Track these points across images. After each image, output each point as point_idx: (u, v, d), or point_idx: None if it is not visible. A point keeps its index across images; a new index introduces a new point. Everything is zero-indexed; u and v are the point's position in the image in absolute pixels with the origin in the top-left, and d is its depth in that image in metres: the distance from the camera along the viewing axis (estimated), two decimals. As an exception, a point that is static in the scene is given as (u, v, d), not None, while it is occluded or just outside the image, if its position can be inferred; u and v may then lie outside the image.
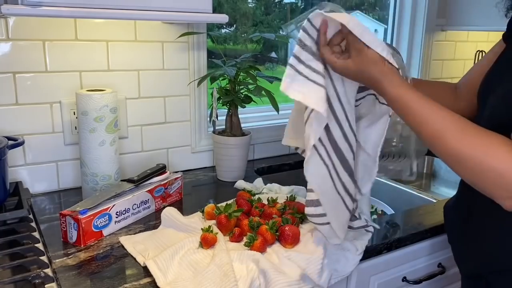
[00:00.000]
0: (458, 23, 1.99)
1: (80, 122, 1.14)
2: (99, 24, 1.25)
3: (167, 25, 1.35)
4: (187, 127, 1.47)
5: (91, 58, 1.26)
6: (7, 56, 1.15)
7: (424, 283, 1.15)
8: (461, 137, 0.71)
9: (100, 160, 1.16)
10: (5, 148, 1.06)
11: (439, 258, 1.18)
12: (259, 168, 1.57)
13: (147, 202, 1.14)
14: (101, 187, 1.17)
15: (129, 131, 1.37)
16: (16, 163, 1.21)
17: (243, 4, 1.77)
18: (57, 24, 1.19)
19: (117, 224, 1.04)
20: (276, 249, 0.94)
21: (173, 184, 1.22)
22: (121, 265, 0.90)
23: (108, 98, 1.14)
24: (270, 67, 2.02)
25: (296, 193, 1.26)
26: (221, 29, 1.76)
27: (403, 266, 1.12)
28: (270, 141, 1.68)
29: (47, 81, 1.21)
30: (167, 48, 1.37)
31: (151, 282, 0.84)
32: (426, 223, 1.12)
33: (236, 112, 1.40)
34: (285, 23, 0.86)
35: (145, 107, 1.38)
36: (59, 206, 1.18)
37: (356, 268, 0.98)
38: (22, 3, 0.86)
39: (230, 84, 1.37)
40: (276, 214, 1.05)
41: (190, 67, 1.42)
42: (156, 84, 1.38)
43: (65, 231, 0.97)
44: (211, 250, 0.93)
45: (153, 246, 0.95)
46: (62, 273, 0.86)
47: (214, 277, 0.83)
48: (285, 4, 1.99)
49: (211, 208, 1.07)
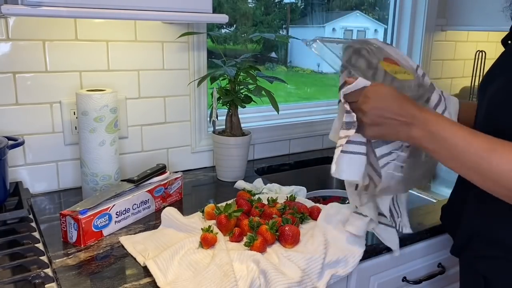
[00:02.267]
0: (458, 23, 1.99)
1: (80, 122, 1.14)
2: (99, 24, 1.25)
3: (167, 25, 1.35)
4: (187, 127, 1.47)
5: (91, 58, 1.26)
6: (7, 56, 1.15)
7: (424, 283, 1.15)
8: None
9: (100, 160, 1.16)
10: (5, 148, 1.06)
11: (439, 258, 1.18)
12: (259, 168, 1.57)
13: (147, 202, 1.14)
14: (101, 187, 1.17)
15: (129, 131, 1.37)
16: (16, 163, 1.21)
17: (243, 4, 1.77)
18: (57, 24, 1.19)
19: (117, 224, 1.04)
20: (276, 249, 0.94)
21: (173, 184, 1.22)
22: (121, 265, 0.90)
23: (108, 98, 1.14)
24: (270, 67, 2.03)
25: (296, 193, 1.26)
26: (221, 29, 1.76)
27: (403, 266, 1.12)
28: (270, 141, 1.68)
29: (47, 81, 1.21)
30: (167, 48, 1.37)
31: (151, 282, 0.84)
32: (426, 223, 1.12)
33: (236, 112, 1.40)
34: (312, 39, 0.87)
35: (145, 107, 1.38)
36: (59, 206, 1.18)
37: (356, 268, 0.98)
38: (22, 3, 0.86)
39: (230, 84, 1.37)
40: (276, 214, 1.05)
41: (190, 67, 1.42)
42: (156, 84, 1.38)
43: (65, 231, 0.97)
44: (211, 250, 0.93)
45: (153, 246, 0.95)
46: (62, 273, 0.86)
47: (214, 277, 0.83)
48: (285, 4, 1.99)
49: (211, 208, 1.07)
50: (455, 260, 1.00)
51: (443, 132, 0.74)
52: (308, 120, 1.78)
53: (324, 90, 2.45)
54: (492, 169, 0.69)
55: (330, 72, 2.40)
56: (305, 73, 2.27)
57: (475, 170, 0.71)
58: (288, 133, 1.72)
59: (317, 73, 2.31)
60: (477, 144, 0.71)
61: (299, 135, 1.75)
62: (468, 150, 0.71)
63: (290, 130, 1.72)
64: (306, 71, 2.28)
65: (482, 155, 0.69)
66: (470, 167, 0.72)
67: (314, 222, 1.06)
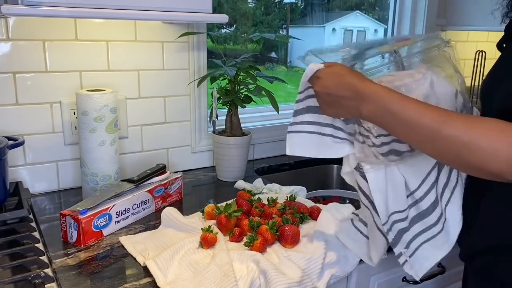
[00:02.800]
0: (458, 23, 1.99)
1: (80, 122, 1.14)
2: (99, 24, 1.25)
3: (167, 25, 1.35)
4: (187, 127, 1.47)
5: (91, 58, 1.26)
6: (7, 56, 1.15)
7: (424, 283, 1.15)
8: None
9: (100, 160, 1.16)
10: (5, 148, 1.06)
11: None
12: (259, 168, 1.57)
13: (147, 202, 1.14)
14: (101, 187, 1.17)
15: (129, 131, 1.37)
16: (16, 163, 1.21)
17: (243, 4, 1.77)
18: (57, 24, 1.19)
19: (117, 224, 1.04)
20: (276, 249, 0.94)
21: (173, 184, 1.22)
22: (121, 265, 0.90)
23: (108, 98, 1.14)
24: (270, 67, 2.03)
25: (296, 193, 1.26)
26: (221, 29, 1.76)
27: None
28: (270, 141, 1.68)
29: (47, 81, 1.21)
30: (167, 48, 1.37)
31: (151, 282, 0.84)
32: (426, 223, 1.12)
33: (236, 112, 1.40)
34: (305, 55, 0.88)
35: (145, 107, 1.38)
36: (59, 206, 1.18)
37: (356, 268, 0.98)
38: (22, 3, 0.86)
39: (230, 84, 1.37)
40: (276, 214, 1.05)
41: (190, 67, 1.42)
42: (156, 84, 1.38)
43: (65, 231, 0.97)
44: (211, 250, 0.93)
45: (153, 246, 0.95)
46: (62, 273, 0.86)
47: (214, 277, 0.83)
48: (285, 4, 1.99)
49: (211, 208, 1.07)
50: (455, 260, 0.99)
51: (394, 106, 0.71)
52: (308, 120, 1.78)
53: (324, 90, 2.44)
54: (442, 136, 0.68)
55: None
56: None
57: (428, 140, 0.70)
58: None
59: (317, 73, 2.30)
60: (430, 116, 0.69)
61: (299, 135, 1.74)
62: (421, 122, 0.69)
63: (290, 130, 1.72)
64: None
65: (435, 126, 0.69)
66: (423, 139, 0.70)
67: (314, 222, 1.06)
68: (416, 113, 0.70)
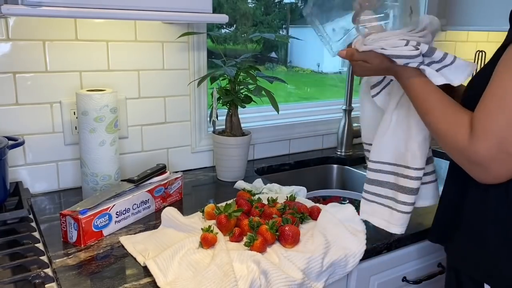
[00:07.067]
0: (458, 23, 1.98)
1: (80, 122, 1.14)
2: (99, 24, 1.25)
3: (167, 25, 1.35)
4: (187, 127, 1.47)
5: (91, 58, 1.26)
6: (7, 56, 1.15)
7: (424, 283, 1.15)
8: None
9: (100, 160, 1.16)
10: (5, 148, 1.06)
11: (439, 258, 1.18)
12: (259, 168, 1.58)
13: (147, 202, 1.14)
14: (101, 187, 1.17)
15: (129, 131, 1.37)
16: (16, 163, 1.21)
17: (243, 4, 1.77)
18: (57, 24, 1.19)
19: (117, 224, 1.04)
20: (276, 249, 0.94)
21: (173, 184, 1.22)
22: (121, 265, 0.90)
23: (108, 98, 1.14)
24: (270, 67, 2.03)
25: (296, 193, 1.26)
26: (221, 29, 1.76)
27: (403, 266, 1.12)
28: (270, 141, 1.68)
29: (47, 81, 1.21)
30: (167, 48, 1.37)
31: (151, 282, 0.84)
32: (426, 223, 1.12)
33: (236, 112, 1.40)
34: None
35: (145, 107, 1.38)
36: (59, 206, 1.19)
37: (356, 268, 0.98)
38: (22, 3, 0.86)
39: (230, 84, 1.37)
40: (276, 214, 1.05)
41: (190, 67, 1.42)
42: (156, 84, 1.38)
43: (65, 231, 0.97)
44: (211, 250, 0.93)
45: (153, 246, 0.95)
46: (62, 273, 0.86)
47: (214, 277, 0.83)
48: (285, 4, 1.99)
49: (211, 208, 1.07)
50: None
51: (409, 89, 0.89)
52: (308, 120, 1.78)
53: (324, 90, 2.45)
54: (425, 122, 0.89)
55: (330, 72, 2.40)
56: (305, 73, 2.28)
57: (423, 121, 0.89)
58: (288, 133, 1.72)
59: (317, 73, 2.31)
60: (420, 105, 0.88)
61: (299, 135, 1.75)
62: (416, 105, 0.89)
63: (290, 130, 1.72)
64: (306, 71, 2.28)
65: (420, 113, 0.89)
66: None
67: (314, 222, 1.06)
68: (417, 99, 0.88)
